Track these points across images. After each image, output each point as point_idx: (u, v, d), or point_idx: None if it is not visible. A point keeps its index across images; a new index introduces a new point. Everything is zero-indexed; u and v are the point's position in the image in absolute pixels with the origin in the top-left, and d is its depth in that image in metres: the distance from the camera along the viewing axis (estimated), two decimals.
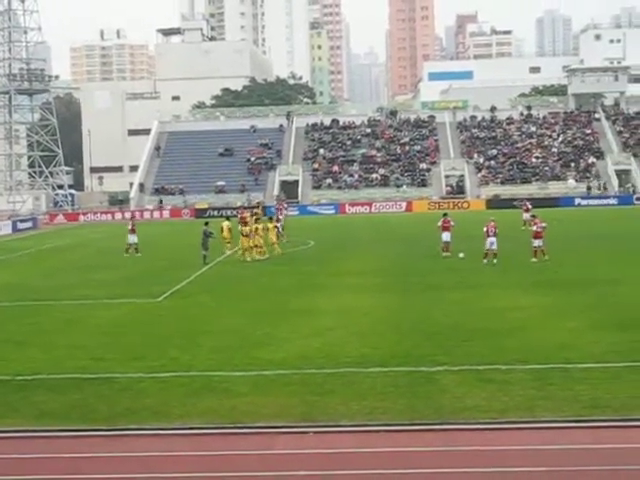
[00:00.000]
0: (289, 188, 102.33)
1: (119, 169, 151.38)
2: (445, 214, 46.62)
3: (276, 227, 50.56)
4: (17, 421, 17.01)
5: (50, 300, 33.39)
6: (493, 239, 40.02)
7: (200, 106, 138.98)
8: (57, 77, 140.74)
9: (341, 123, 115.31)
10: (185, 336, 24.95)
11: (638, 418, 16.00)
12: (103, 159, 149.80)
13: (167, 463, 14.72)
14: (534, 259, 40.52)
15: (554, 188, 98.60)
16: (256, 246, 45.49)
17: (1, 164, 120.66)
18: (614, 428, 15.68)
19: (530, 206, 61.81)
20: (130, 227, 50.75)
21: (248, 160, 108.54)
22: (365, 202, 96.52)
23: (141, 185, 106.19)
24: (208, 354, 22.44)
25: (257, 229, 45.67)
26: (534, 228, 41.19)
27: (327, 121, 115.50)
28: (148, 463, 14.74)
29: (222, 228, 47.94)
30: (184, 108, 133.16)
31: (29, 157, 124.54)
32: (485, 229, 40.50)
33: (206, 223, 46.21)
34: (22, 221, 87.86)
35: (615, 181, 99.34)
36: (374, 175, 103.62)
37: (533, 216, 42.89)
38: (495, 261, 39.45)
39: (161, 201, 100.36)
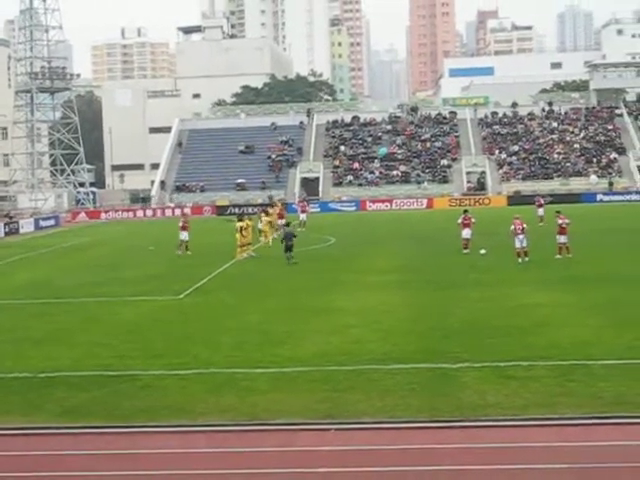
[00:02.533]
0: (310, 185, 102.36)
1: (140, 167, 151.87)
2: (466, 211, 46.53)
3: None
4: (39, 418, 17.08)
5: (72, 298, 33.52)
6: (522, 236, 39.33)
7: (220, 104, 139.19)
8: (78, 75, 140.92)
9: (362, 120, 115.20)
10: (206, 333, 25.00)
11: None
12: (124, 157, 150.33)
13: (188, 460, 14.74)
14: (558, 255, 40.21)
15: (576, 184, 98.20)
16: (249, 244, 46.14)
17: (23, 162, 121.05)
18: (637, 425, 15.61)
19: (543, 202, 61.51)
20: (181, 224, 50.19)
21: (269, 157, 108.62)
22: (386, 199, 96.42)
23: (162, 183, 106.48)
24: (229, 351, 22.47)
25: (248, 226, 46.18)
26: (559, 222, 40.89)
27: (347, 118, 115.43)
28: (169, 460, 14.77)
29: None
30: (205, 106, 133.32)
31: (51, 155, 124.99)
32: (512, 227, 39.86)
33: (287, 224, 44.57)
34: (44, 219, 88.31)
35: (637, 177, 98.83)
36: (395, 172, 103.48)
37: (558, 212, 42.45)
38: (527, 259, 39.08)
39: (144, 199, 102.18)
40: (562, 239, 40.60)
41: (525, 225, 40.12)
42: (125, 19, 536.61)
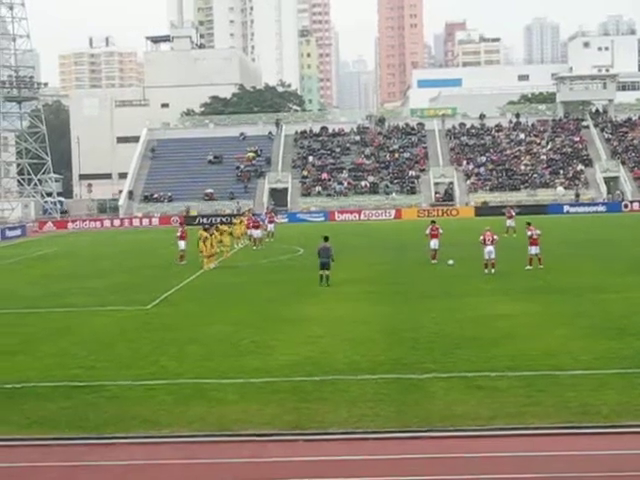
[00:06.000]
0: (278, 196, 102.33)
1: (108, 176, 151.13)
2: (433, 221, 46.69)
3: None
4: (6, 429, 16.95)
5: (39, 308, 33.30)
6: (491, 248, 39.24)
7: (189, 113, 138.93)
8: (46, 84, 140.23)
9: (330, 130, 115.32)
10: (174, 344, 24.91)
11: (627, 425, 16.04)
12: (92, 166, 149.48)
13: (155, 472, 14.69)
14: (529, 266, 40.33)
15: (543, 195, 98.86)
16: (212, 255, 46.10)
17: None
18: (603, 435, 15.72)
19: (514, 213, 61.88)
20: (179, 234, 49.39)
21: (237, 167, 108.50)
22: (354, 209, 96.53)
23: (130, 192, 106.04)
24: (197, 362, 22.41)
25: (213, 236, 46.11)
26: (529, 234, 40.96)
27: (316, 128, 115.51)
28: (136, 471, 14.70)
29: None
30: (173, 116, 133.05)
31: (18, 165, 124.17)
32: (482, 238, 39.82)
33: (326, 238, 38.11)
34: (11, 229, 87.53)
35: (603, 188, 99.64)
36: (363, 182, 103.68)
37: (528, 223, 42.48)
38: (493, 271, 39.12)
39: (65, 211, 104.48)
40: (533, 250, 40.60)
41: (496, 237, 40.25)
42: (93, 28, 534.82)
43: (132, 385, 20.05)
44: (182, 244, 48.81)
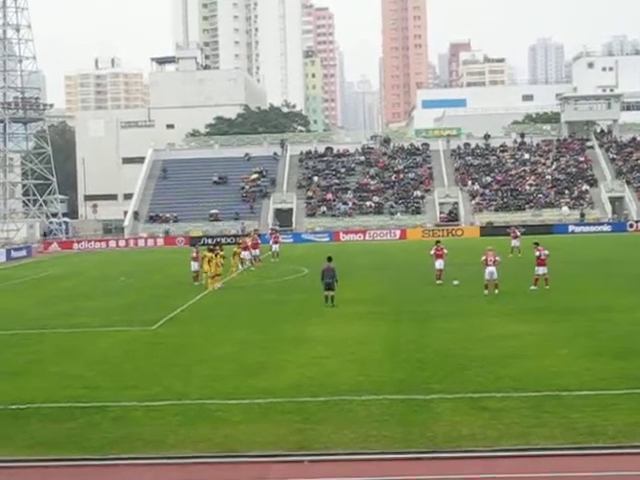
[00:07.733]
0: (283, 216, 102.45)
1: (113, 197, 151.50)
2: (438, 241, 46.66)
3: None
4: (11, 450, 16.91)
5: (45, 329, 33.28)
6: (492, 269, 38.83)
7: (194, 134, 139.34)
8: (52, 106, 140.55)
9: (335, 151, 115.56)
10: (179, 364, 24.88)
11: (634, 445, 15.97)
12: (97, 187, 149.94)
13: None
14: (533, 287, 40.10)
15: (548, 215, 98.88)
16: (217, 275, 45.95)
17: None
18: (610, 455, 15.65)
19: (519, 233, 61.86)
20: (194, 255, 49.28)
21: (242, 188, 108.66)
22: (359, 230, 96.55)
23: (135, 213, 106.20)
24: (202, 382, 22.37)
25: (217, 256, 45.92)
26: (537, 254, 40.77)
27: (321, 149, 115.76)
28: None
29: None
30: (178, 136, 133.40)
31: (23, 185, 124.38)
32: (483, 258, 39.43)
33: (330, 259, 37.70)
34: (16, 249, 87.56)
35: (609, 208, 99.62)
36: (368, 203, 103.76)
37: (536, 243, 42.14)
38: (497, 292, 38.89)
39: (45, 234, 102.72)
40: (541, 270, 40.33)
41: (498, 258, 40.00)
42: (99, 49, 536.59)
43: (137, 405, 20.02)
44: (195, 265, 48.86)
